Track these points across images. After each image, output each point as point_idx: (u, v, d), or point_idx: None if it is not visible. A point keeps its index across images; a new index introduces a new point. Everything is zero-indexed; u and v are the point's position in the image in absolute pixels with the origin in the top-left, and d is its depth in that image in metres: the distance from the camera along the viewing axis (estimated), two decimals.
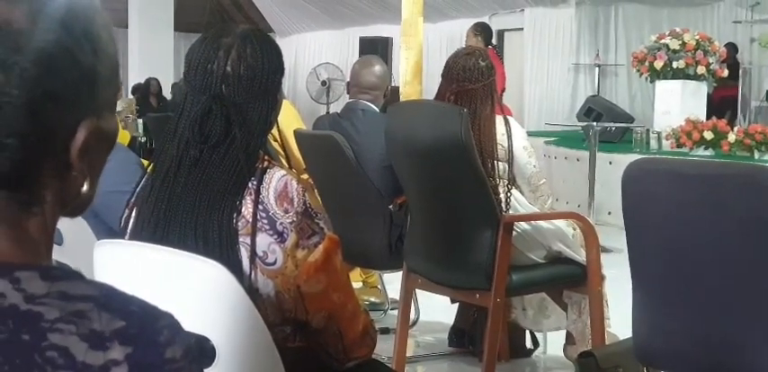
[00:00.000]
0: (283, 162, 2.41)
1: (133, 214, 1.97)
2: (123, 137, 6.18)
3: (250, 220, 1.82)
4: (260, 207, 1.83)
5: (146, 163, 3.22)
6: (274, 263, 1.82)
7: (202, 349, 1.61)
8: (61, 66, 0.82)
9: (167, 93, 13.73)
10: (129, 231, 1.96)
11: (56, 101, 0.82)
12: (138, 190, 2.00)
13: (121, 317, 0.78)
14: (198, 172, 1.87)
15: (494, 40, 11.13)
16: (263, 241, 1.82)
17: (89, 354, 0.76)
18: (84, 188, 0.86)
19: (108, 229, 2.78)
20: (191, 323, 0.92)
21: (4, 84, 0.79)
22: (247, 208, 1.83)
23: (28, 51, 0.80)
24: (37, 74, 0.80)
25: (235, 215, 1.82)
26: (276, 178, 1.86)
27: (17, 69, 0.79)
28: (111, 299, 0.80)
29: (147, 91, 13.85)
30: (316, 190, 4.20)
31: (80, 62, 0.84)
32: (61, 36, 0.82)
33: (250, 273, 1.81)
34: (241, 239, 1.83)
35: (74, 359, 0.75)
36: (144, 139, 11.07)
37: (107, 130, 0.89)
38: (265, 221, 1.82)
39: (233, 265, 1.79)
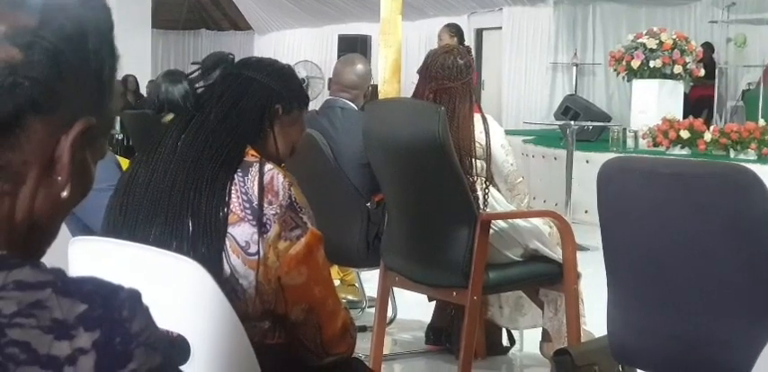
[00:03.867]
0: None
1: (116, 206, 1.98)
2: None
3: (234, 210, 1.85)
4: (244, 197, 1.86)
5: (123, 160, 3.20)
6: (256, 253, 1.84)
7: (177, 347, 1.60)
8: (75, 53, 0.83)
9: (144, 89, 13.66)
10: (113, 222, 1.96)
11: (65, 81, 0.81)
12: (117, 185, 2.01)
13: (82, 299, 0.76)
14: (178, 158, 1.90)
15: (473, 39, 11.15)
16: (246, 231, 1.85)
17: (54, 346, 0.74)
18: (65, 193, 0.83)
19: (83, 226, 2.77)
20: (166, 320, 0.92)
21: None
22: (232, 199, 1.86)
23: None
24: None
25: (224, 208, 1.86)
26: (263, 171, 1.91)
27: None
28: (67, 283, 0.78)
29: (124, 88, 13.77)
30: None
31: (89, 58, 0.84)
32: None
33: (230, 262, 1.84)
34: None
35: (37, 354, 0.73)
36: (121, 136, 11.01)
37: (100, 144, 0.87)
38: (249, 211, 1.85)
39: (218, 254, 1.82)
